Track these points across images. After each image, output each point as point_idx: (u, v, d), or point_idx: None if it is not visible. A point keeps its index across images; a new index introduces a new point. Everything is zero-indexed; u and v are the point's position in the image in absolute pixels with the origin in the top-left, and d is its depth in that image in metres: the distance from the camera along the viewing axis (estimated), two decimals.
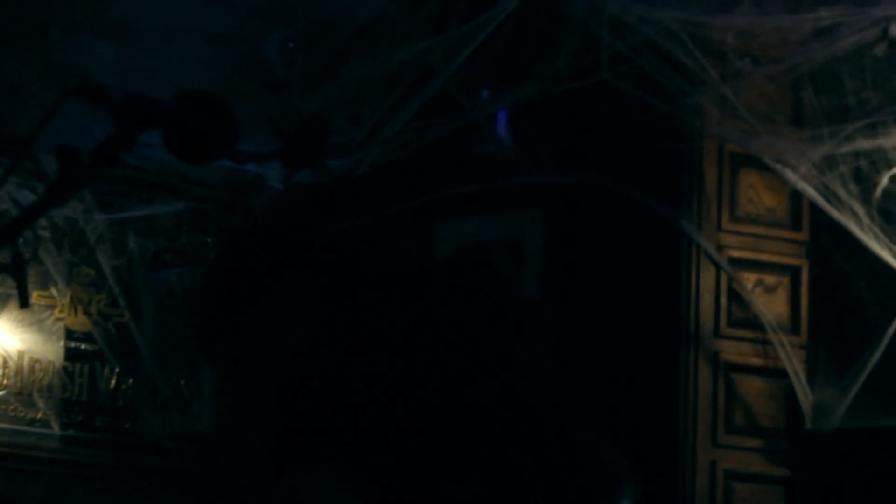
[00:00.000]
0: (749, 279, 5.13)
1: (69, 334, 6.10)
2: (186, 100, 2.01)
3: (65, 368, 6.04)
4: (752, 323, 5.10)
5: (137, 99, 1.96)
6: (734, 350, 5.08)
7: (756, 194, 5.23)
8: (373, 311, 2.08)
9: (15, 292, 5.71)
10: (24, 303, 1.91)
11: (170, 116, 1.99)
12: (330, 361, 2.10)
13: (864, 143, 4.94)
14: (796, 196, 5.17)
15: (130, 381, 6.19)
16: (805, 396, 5.06)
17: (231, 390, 2.23)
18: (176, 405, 6.25)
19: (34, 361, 5.94)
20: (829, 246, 5.17)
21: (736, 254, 5.15)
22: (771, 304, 5.13)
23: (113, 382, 6.16)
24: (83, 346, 6.12)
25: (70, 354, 6.08)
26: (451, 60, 5.38)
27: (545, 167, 5.49)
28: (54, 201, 1.92)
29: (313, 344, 2.15)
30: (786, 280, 5.18)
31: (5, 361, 5.87)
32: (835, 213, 5.00)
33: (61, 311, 6.05)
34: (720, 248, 5.12)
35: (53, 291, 6.03)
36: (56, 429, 5.96)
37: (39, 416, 5.93)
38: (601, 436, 1.94)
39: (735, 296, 5.12)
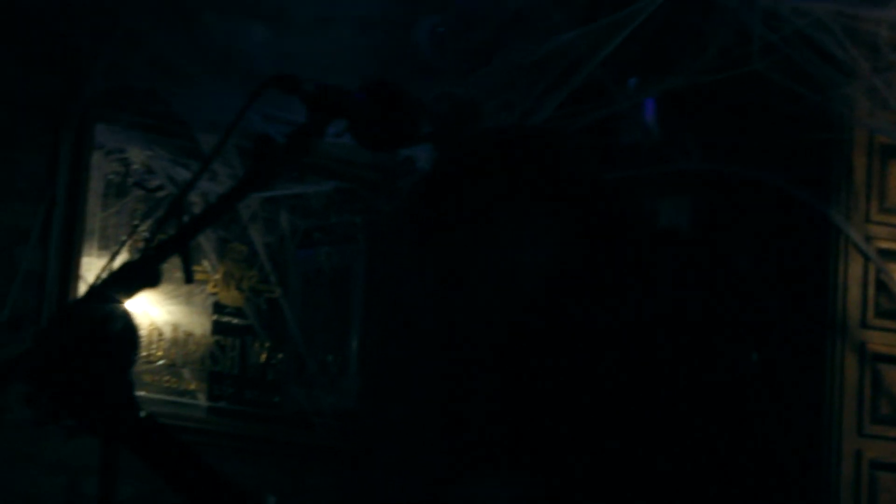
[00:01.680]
0: None
1: (220, 309, 6.20)
2: (373, 90, 2.08)
3: (216, 342, 6.14)
4: None
5: (328, 90, 2.05)
6: (881, 341, 5.08)
7: None
8: (616, 280, 1.97)
9: (168, 267, 5.87)
10: (188, 278, 1.99)
11: (358, 107, 2.07)
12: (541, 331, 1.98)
13: None
14: None
15: (279, 356, 6.29)
16: None
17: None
18: (323, 381, 6.35)
19: (187, 335, 6.04)
20: None
21: (884, 245, 5.14)
22: None
23: (263, 357, 6.26)
24: (234, 321, 6.23)
25: (221, 329, 6.18)
26: (600, 49, 5.42)
27: (692, 156, 5.51)
28: (253, 187, 2.02)
29: (534, 298, 2.01)
30: None
31: (160, 334, 5.97)
32: None
33: (214, 286, 6.17)
34: (868, 238, 5.11)
35: (206, 266, 6.15)
36: (206, 401, 6.06)
37: (191, 387, 6.03)
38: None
39: (883, 287, 5.10)
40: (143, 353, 5.86)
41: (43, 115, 5.73)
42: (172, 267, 2.02)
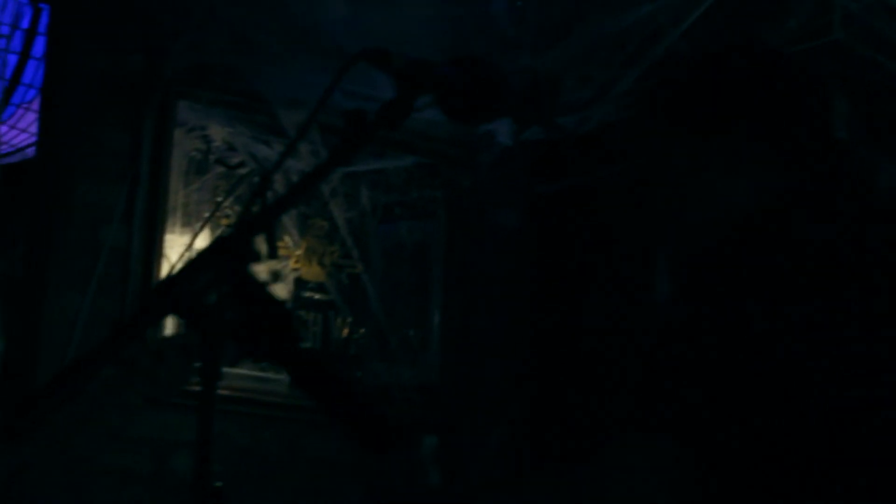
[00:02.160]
0: None
1: (302, 284, 6.24)
2: (461, 64, 2.09)
3: (299, 317, 6.18)
4: None
5: (417, 64, 2.05)
6: None
7: None
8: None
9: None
10: (272, 254, 2.02)
11: (446, 81, 2.07)
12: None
13: None
14: None
15: (361, 331, 6.32)
16: None
17: None
18: (404, 356, 6.37)
19: None
20: None
21: None
22: None
23: (344, 332, 6.29)
24: (316, 297, 6.26)
25: (303, 304, 6.22)
26: (681, 21, 5.38)
27: None
28: (342, 161, 2.03)
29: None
30: None
31: None
32: None
33: (296, 262, 6.20)
34: None
35: (288, 242, 6.18)
36: (288, 376, 6.08)
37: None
38: None
39: None
40: None
41: (126, 93, 5.78)
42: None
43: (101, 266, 5.56)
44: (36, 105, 7.15)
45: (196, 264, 1.86)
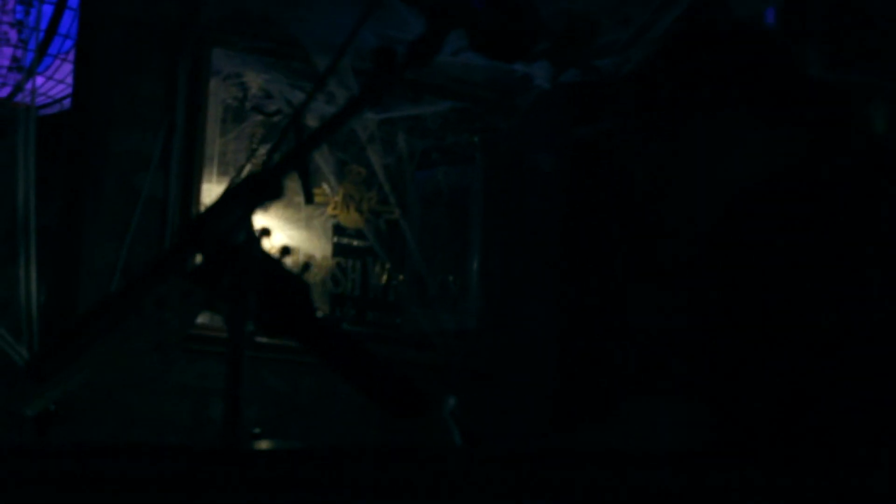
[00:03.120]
0: None
1: (340, 231, 6.22)
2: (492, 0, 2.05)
3: (337, 264, 6.17)
4: None
5: (448, 0, 2.01)
6: None
7: None
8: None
9: (288, 191, 5.89)
10: (308, 199, 1.99)
11: (477, 16, 2.03)
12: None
13: None
14: None
15: (400, 277, 6.31)
16: None
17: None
18: (444, 302, 6.35)
19: (308, 258, 6.07)
20: None
21: None
22: None
23: (383, 279, 6.28)
24: (354, 243, 6.24)
25: (341, 251, 6.20)
26: None
27: (813, 65, 5.38)
28: (371, 100, 2.00)
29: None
30: None
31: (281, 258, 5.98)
32: None
33: (334, 209, 6.18)
34: None
35: (326, 189, 6.16)
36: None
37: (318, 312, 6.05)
38: None
39: None
40: None
41: (161, 41, 5.76)
42: (291, 192, 2.01)
43: (138, 215, 5.56)
44: (72, 56, 7.12)
45: (225, 202, 1.83)
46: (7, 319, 5.57)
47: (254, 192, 1.83)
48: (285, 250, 2.12)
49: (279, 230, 6.01)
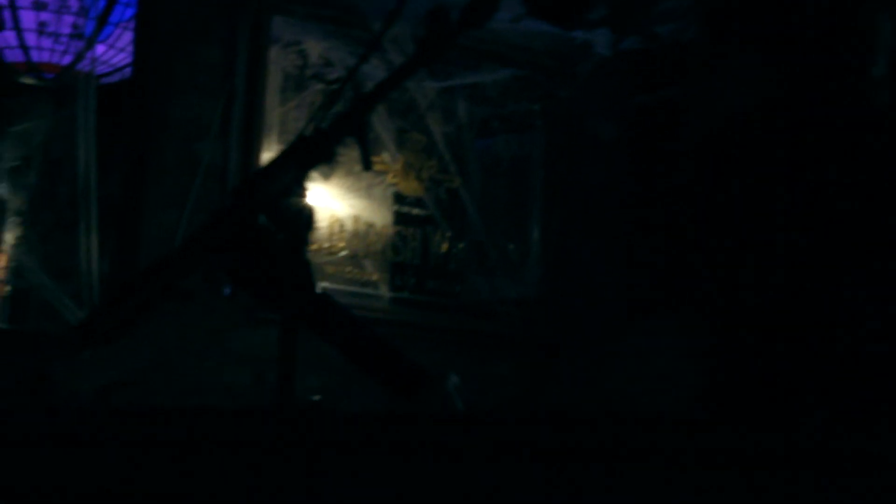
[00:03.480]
0: None
1: (400, 199, 6.20)
2: None
3: (397, 233, 6.16)
4: None
5: None
6: None
7: None
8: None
9: (341, 159, 5.88)
10: (366, 165, 1.98)
11: None
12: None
13: None
14: None
15: (460, 245, 6.29)
16: None
17: None
18: (504, 270, 6.33)
19: (368, 226, 6.06)
20: None
21: None
22: None
23: (444, 247, 6.26)
24: (414, 212, 6.23)
25: (401, 219, 6.19)
26: None
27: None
28: (424, 60, 1.98)
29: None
30: None
31: (341, 226, 5.99)
32: None
33: (393, 177, 6.17)
34: None
35: (385, 157, 6.14)
36: (388, 291, 6.08)
37: (373, 278, 6.05)
38: None
39: None
40: (325, 245, 5.91)
41: (221, 8, 5.76)
42: (352, 160, 1.99)
43: (199, 183, 5.57)
44: (133, 24, 7.14)
45: (278, 164, 1.82)
46: (68, 287, 5.60)
47: (306, 154, 1.82)
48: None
49: (340, 199, 6.00)
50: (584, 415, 1.38)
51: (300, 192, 1.87)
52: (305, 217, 1.87)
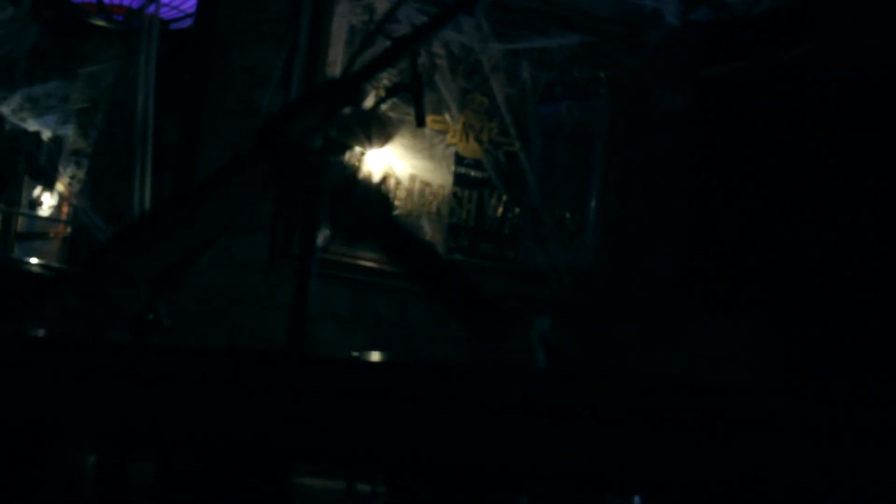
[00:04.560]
0: None
1: (459, 160, 6.17)
2: None
3: (454, 194, 6.12)
4: None
5: None
6: None
7: None
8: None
9: (407, 118, 5.85)
10: (420, 122, 1.96)
11: None
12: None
13: None
14: None
15: (516, 210, 6.25)
16: None
17: None
18: (559, 237, 6.28)
19: (425, 185, 6.03)
20: None
21: None
22: None
23: (499, 210, 6.22)
24: (472, 173, 6.19)
25: (459, 181, 6.16)
26: None
27: None
28: (463, 7, 1.93)
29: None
30: None
31: (398, 184, 5.97)
32: None
33: (453, 137, 6.13)
34: None
35: (446, 117, 6.10)
36: (442, 252, 6.04)
37: (427, 238, 6.03)
38: None
39: None
40: None
41: None
42: (411, 123, 1.96)
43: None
44: None
45: (298, 107, 1.79)
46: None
47: (330, 97, 1.78)
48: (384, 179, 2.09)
49: (403, 158, 5.98)
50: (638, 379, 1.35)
51: (326, 138, 1.83)
52: (326, 163, 1.84)
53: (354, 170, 1.97)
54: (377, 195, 1.95)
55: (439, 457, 1.37)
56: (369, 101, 5.13)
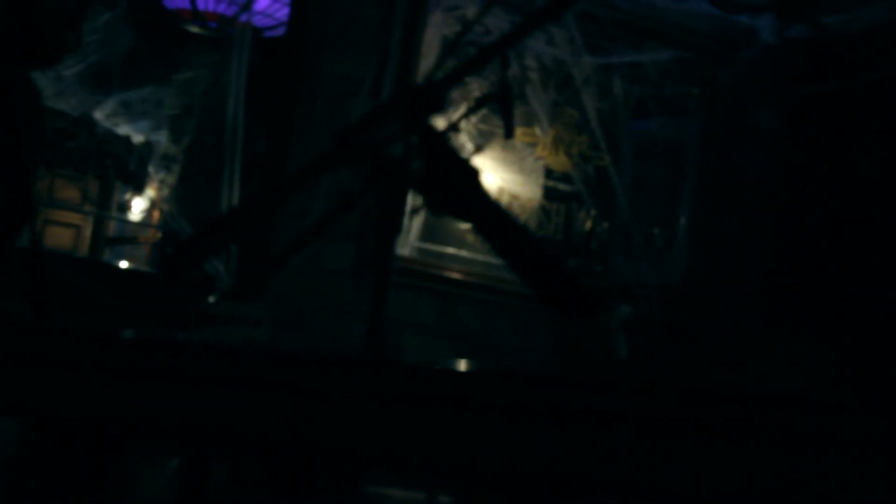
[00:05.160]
0: None
1: (548, 174, 6.14)
2: None
3: (542, 207, 6.09)
4: None
5: None
6: None
7: None
8: None
9: (497, 131, 5.83)
10: (509, 134, 1.94)
11: None
12: None
13: None
14: None
15: (605, 225, 6.20)
16: None
17: None
18: (647, 253, 6.23)
19: (513, 198, 6.01)
20: None
21: None
22: None
23: (588, 225, 6.18)
24: (561, 187, 6.16)
25: (548, 194, 6.12)
26: None
27: None
28: (551, 16, 1.90)
29: None
30: None
31: None
32: None
33: (543, 150, 6.10)
34: None
35: (537, 130, 6.08)
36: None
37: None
38: None
39: None
40: None
41: None
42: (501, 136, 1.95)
43: None
44: None
45: (380, 113, 1.76)
46: None
47: (413, 103, 1.76)
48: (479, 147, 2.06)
49: (494, 171, 5.97)
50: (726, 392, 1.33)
51: (407, 145, 1.81)
52: (406, 170, 1.81)
53: (449, 147, 1.93)
54: (469, 171, 1.92)
55: (526, 470, 1.35)
56: (459, 112, 5.12)
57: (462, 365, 1.53)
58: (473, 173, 1.88)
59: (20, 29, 2.15)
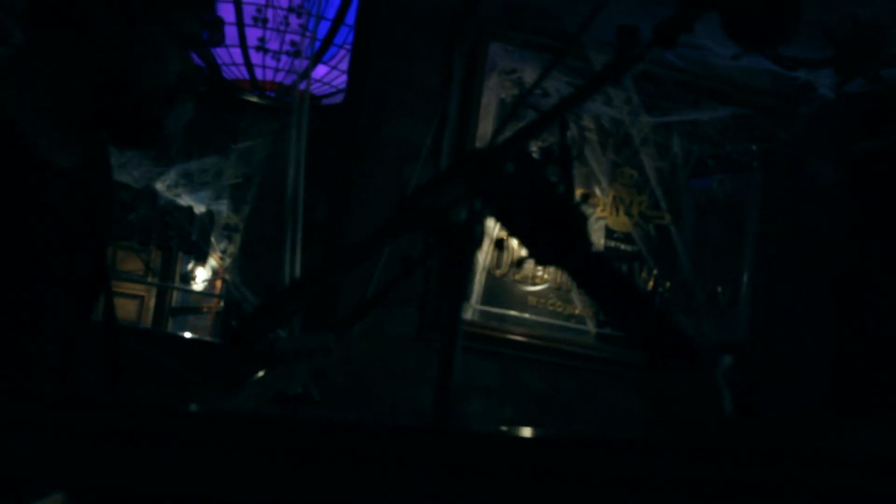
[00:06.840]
0: None
1: (608, 234, 6.13)
2: None
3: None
4: None
5: None
6: None
7: None
8: None
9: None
10: (568, 194, 1.95)
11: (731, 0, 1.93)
12: None
13: None
14: None
15: (667, 284, 6.17)
16: None
17: None
18: (711, 312, 6.19)
19: None
20: None
21: None
22: None
23: (650, 284, 6.15)
24: (622, 247, 6.14)
25: (609, 253, 6.10)
26: None
27: None
28: (612, 77, 1.90)
29: None
30: None
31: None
32: None
33: (603, 211, 6.09)
34: None
35: (596, 191, 6.07)
36: (593, 326, 5.99)
37: (577, 312, 5.98)
38: None
39: None
40: (528, 276, 5.87)
41: (437, 32, 5.76)
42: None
43: None
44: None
45: (445, 178, 1.76)
46: None
47: (474, 169, 1.76)
48: (585, 197, 2.05)
49: None
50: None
51: (471, 209, 1.81)
52: (470, 235, 1.81)
53: (553, 188, 1.93)
54: (574, 217, 1.92)
55: None
56: None
57: (525, 431, 1.52)
58: (584, 218, 1.88)
59: (119, 105, 2.16)
